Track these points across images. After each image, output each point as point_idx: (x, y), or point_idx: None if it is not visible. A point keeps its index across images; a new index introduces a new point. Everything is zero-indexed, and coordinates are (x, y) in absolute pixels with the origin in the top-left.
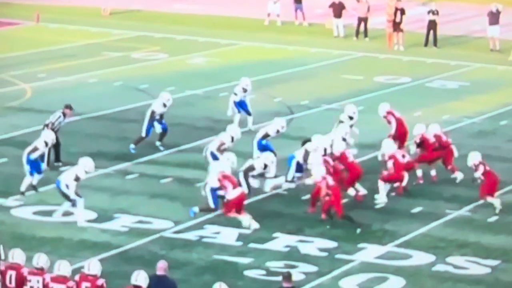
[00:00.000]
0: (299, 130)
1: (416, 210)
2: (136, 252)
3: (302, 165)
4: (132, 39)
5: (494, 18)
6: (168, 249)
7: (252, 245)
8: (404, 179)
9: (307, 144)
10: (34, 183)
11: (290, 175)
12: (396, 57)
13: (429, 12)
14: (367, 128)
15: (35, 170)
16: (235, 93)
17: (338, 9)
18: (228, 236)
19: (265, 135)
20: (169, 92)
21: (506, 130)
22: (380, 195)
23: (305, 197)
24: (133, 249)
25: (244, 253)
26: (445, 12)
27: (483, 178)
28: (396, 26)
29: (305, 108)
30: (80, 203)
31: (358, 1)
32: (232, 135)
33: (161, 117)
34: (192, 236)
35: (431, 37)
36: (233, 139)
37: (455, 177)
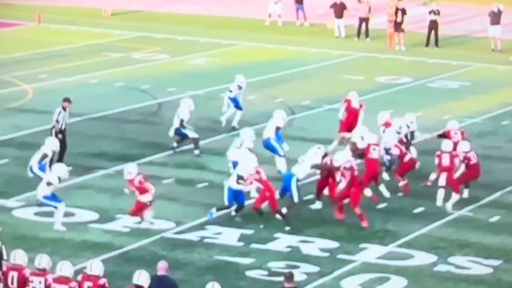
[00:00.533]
0: (300, 131)
1: (418, 210)
2: (138, 253)
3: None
4: (133, 40)
5: (496, 18)
6: (169, 250)
7: (254, 246)
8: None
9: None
10: None
11: (296, 197)
12: (397, 57)
13: (430, 12)
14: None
15: None
16: (230, 90)
17: (339, 10)
18: (230, 237)
19: (277, 128)
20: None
21: (508, 130)
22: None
23: (306, 198)
24: (135, 250)
25: (246, 254)
26: (446, 12)
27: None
28: (397, 26)
29: (307, 109)
30: (61, 207)
31: (359, 2)
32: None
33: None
34: (194, 237)
35: (432, 37)
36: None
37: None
